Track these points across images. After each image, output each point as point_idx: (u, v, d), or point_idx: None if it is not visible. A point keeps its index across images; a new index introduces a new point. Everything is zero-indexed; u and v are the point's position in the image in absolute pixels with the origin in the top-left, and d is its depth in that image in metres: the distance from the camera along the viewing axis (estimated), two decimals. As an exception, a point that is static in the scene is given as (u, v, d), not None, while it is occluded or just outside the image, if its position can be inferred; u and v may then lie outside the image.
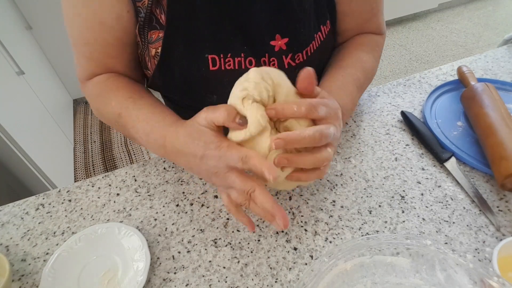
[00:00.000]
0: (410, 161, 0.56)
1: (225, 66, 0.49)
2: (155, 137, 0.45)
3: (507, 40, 0.81)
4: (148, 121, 0.46)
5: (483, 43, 2.47)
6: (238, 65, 0.50)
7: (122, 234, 0.48)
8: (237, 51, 0.49)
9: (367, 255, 0.39)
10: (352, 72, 0.53)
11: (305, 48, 0.52)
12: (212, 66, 0.49)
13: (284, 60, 0.51)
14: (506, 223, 0.47)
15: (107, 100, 0.51)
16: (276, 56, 0.51)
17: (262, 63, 0.51)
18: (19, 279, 0.45)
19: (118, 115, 0.49)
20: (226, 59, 0.49)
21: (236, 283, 0.43)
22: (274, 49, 0.50)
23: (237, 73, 0.46)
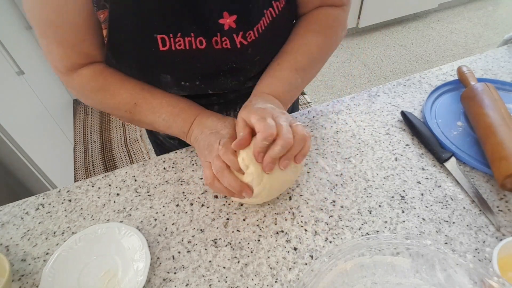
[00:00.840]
0: (410, 161, 0.56)
1: (176, 46, 0.48)
2: (184, 116, 0.53)
3: (507, 40, 0.81)
4: (175, 106, 0.54)
5: (483, 43, 2.47)
6: (189, 45, 0.49)
7: (122, 234, 0.48)
8: (186, 30, 0.48)
9: (367, 255, 0.39)
10: (291, 57, 0.55)
11: (255, 25, 0.51)
12: (162, 46, 0.48)
13: (235, 39, 0.50)
14: (506, 223, 0.47)
15: (116, 92, 0.53)
16: (227, 35, 0.50)
17: (213, 43, 0.50)
18: (19, 279, 0.45)
19: (134, 105, 0.53)
20: (176, 39, 0.48)
21: (236, 283, 0.43)
22: (224, 27, 0.49)
23: (189, 53, 0.49)
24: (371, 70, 2.31)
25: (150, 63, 0.51)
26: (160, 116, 0.53)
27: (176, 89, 0.55)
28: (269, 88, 0.53)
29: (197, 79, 0.54)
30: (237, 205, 0.52)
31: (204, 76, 0.54)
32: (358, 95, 0.70)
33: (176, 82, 0.54)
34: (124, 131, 2.03)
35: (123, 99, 0.53)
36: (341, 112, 0.66)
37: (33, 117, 1.50)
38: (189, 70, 0.53)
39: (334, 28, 0.59)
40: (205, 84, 0.56)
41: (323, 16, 0.58)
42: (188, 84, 0.54)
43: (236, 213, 0.51)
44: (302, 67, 0.55)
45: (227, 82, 0.57)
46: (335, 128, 0.63)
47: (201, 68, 0.53)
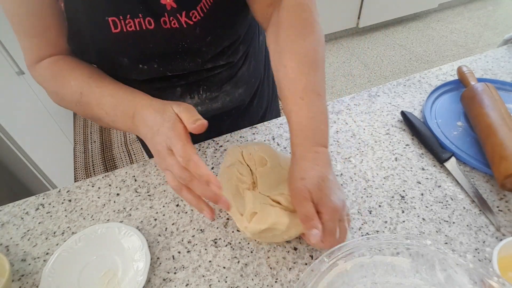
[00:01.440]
0: (410, 161, 0.56)
1: (127, 28, 0.49)
2: (123, 108, 0.47)
3: (507, 40, 0.81)
4: (114, 95, 0.49)
5: (483, 43, 2.47)
6: (139, 26, 0.49)
7: (122, 234, 0.48)
8: (134, 12, 0.48)
9: (367, 255, 0.39)
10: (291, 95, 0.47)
11: (197, 5, 0.50)
12: (114, 29, 0.49)
13: (180, 19, 0.50)
14: (506, 223, 0.47)
15: (65, 80, 0.51)
16: (173, 15, 0.50)
17: (162, 23, 0.50)
18: (19, 279, 0.45)
19: (80, 94, 0.50)
20: (126, 20, 0.49)
21: (236, 283, 0.43)
22: (167, 8, 0.49)
23: (140, 34, 0.49)
24: (371, 70, 2.31)
25: (105, 46, 0.51)
26: (102, 109, 0.49)
27: (136, 73, 0.55)
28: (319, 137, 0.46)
29: (154, 61, 0.54)
30: (237, 205, 0.52)
31: (160, 58, 0.54)
32: (358, 95, 0.70)
33: (134, 65, 0.54)
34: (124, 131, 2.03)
35: (71, 87, 0.50)
36: (341, 112, 0.66)
37: (33, 117, 1.50)
38: (143, 52, 0.52)
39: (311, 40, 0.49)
40: (163, 66, 0.55)
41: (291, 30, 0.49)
42: (146, 67, 0.54)
43: (236, 213, 0.51)
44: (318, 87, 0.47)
45: (184, 64, 0.56)
46: (335, 128, 0.63)
47: (154, 49, 0.52)
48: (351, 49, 2.51)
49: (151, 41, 0.51)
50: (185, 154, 0.40)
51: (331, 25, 2.47)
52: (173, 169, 0.41)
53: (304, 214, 0.41)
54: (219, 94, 0.68)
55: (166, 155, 0.42)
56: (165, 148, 0.42)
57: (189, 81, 0.63)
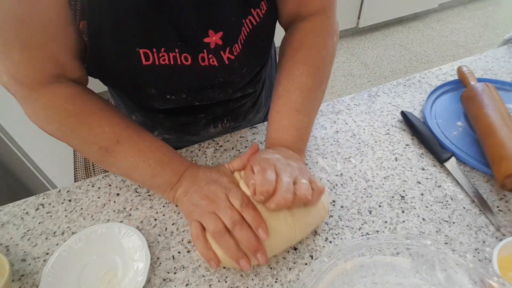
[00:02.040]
0: (410, 161, 0.56)
1: (159, 61, 0.46)
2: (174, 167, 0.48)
3: (507, 40, 0.81)
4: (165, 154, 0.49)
5: (483, 43, 2.47)
6: (173, 60, 0.46)
7: (122, 234, 0.48)
8: (170, 46, 0.45)
9: (367, 255, 0.39)
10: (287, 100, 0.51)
11: (238, 37, 0.49)
12: (145, 61, 0.45)
13: (223, 56, 0.49)
14: (506, 223, 0.47)
15: (95, 123, 0.46)
16: (214, 53, 0.48)
17: (200, 59, 0.48)
18: (19, 279, 0.45)
19: (115, 143, 0.46)
20: (160, 54, 0.45)
21: (236, 283, 0.43)
22: (210, 46, 0.47)
23: (173, 68, 0.47)
24: (371, 70, 2.31)
25: (133, 77, 0.48)
26: (146, 161, 0.47)
27: (162, 102, 0.54)
28: (277, 140, 0.50)
29: (183, 92, 0.53)
30: (237, 205, 0.52)
31: (192, 90, 0.53)
32: (358, 95, 0.70)
33: (162, 95, 0.52)
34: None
35: (103, 133, 0.46)
36: (341, 112, 0.66)
37: (33, 117, 1.50)
38: (174, 85, 0.50)
39: (320, 45, 0.53)
40: (192, 97, 0.54)
41: (303, 36, 0.53)
42: (174, 97, 0.53)
43: (236, 213, 0.51)
44: (300, 105, 0.50)
45: (214, 95, 0.56)
46: (335, 128, 0.63)
47: (188, 83, 0.50)
48: (351, 49, 2.51)
49: (186, 76, 0.49)
50: (244, 200, 0.42)
51: (331, 25, 2.46)
52: (226, 211, 0.42)
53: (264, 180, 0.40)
54: (242, 123, 0.69)
55: (222, 199, 0.43)
56: (222, 193, 0.44)
57: (215, 114, 0.63)
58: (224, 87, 0.55)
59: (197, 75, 0.49)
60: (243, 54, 0.51)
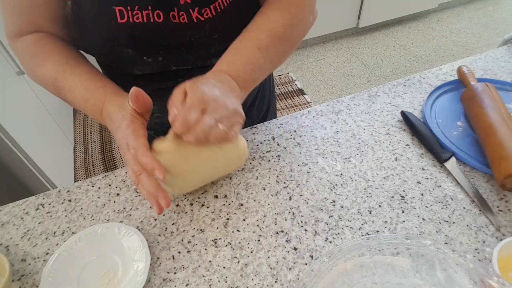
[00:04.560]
0: (410, 161, 0.57)
1: (133, 19, 0.49)
2: (94, 102, 0.49)
3: (507, 40, 0.81)
4: (87, 87, 0.50)
5: (483, 43, 2.47)
6: (146, 18, 0.49)
7: (122, 234, 0.48)
8: (144, 3, 0.48)
9: (367, 255, 0.39)
10: (254, 35, 0.52)
11: (212, 3, 0.51)
12: (120, 19, 0.48)
13: (192, 14, 0.50)
14: (506, 223, 0.47)
15: (42, 62, 0.51)
16: (184, 10, 0.50)
17: (171, 17, 0.50)
18: (19, 279, 0.45)
19: (55, 79, 0.51)
20: (134, 11, 0.48)
21: (236, 283, 0.43)
22: (180, 1, 0.49)
23: (147, 26, 0.49)
24: (371, 70, 2.31)
25: (110, 36, 0.50)
26: (75, 98, 0.51)
27: (140, 65, 0.55)
28: (228, 66, 0.50)
29: (159, 54, 0.54)
30: (237, 205, 0.52)
31: (165, 50, 0.54)
32: (358, 95, 0.70)
33: (139, 57, 0.53)
34: (124, 131, 2.03)
35: (47, 71, 0.51)
36: (341, 112, 0.66)
37: (33, 117, 1.50)
38: (149, 44, 0.52)
39: (300, 7, 0.54)
40: (168, 60, 0.55)
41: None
42: (150, 59, 0.54)
43: (236, 213, 0.51)
44: (265, 46, 0.51)
45: (188, 57, 0.56)
46: (335, 128, 0.63)
47: (161, 42, 0.52)
48: (351, 49, 2.51)
49: (158, 34, 0.51)
50: (134, 146, 0.42)
51: (331, 25, 2.47)
52: (129, 162, 0.43)
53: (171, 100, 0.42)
54: None
55: (125, 150, 0.44)
56: (124, 144, 0.44)
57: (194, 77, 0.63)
58: (196, 49, 0.56)
59: (169, 33, 0.51)
60: (216, 20, 0.52)
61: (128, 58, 0.53)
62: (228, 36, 0.56)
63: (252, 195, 0.53)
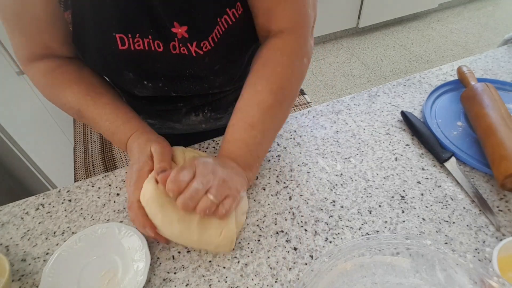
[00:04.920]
0: (410, 161, 0.56)
1: (135, 46, 0.49)
2: (119, 137, 0.53)
3: (507, 40, 0.81)
4: (112, 122, 0.52)
5: (483, 43, 2.46)
6: (147, 46, 0.49)
7: (122, 234, 0.48)
8: (144, 32, 0.48)
9: (367, 255, 0.39)
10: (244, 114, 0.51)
11: (209, 35, 0.49)
12: (121, 45, 0.48)
13: (190, 48, 0.50)
14: (506, 223, 0.47)
15: (62, 93, 0.53)
16: (183, 43, 0.50)
17: (171, 47, 0.50)
18: (19, 279, 0.45)
19: (78, 110, 0.53)
20: (135, 39, 0.48)
21: (236, 283, 0.43)
22: (177, 36, 0.49)
23: (148, 53, 0.49)
24: (371, 70, 2.31)
25: (112, 60, 0.51)
26: (100, 129, 0.54)
27: (140, 88, 0.55)
28: (227, 152, 0.50)
29: (160, 80, 0.54)
30: (237, 205, 0.52)
31: (167, 78, 0.54)
32: (358, 95, 0.70)
33: (139, 81, 0.54)
34: (124, 131, 2.03)
35: (69, 102, 0.53)
36: (341, 112, 0.66)
37: (33, 117, 1.50)
38: (150, 70, 0.52)
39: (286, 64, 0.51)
40: (168, 87, 0.55)
41: (271, 53, 0.52)
42: (151, 84, 0.54)
43: (236, 213, 0.51)
44: (257, 121, 0.50)
45: (190, 87, 0.56)
46: (335, 128, 0.63)
47: (162, 69, 0.52)
48: (351, 49, 2.51)
49: (159, 62, 0.51)
50: (130, 199, 0.46)
51: (331, 25, 2.47)
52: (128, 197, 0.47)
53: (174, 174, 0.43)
54: (224, 115, 0.69)
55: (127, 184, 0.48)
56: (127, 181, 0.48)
57: (195, 105, 0.63)
58: (199, 80, 0.55)
59: (169, 62, 0.52)
60: (215, 51, 0.51)
61: (129, 80, 0.53)
62: (230, 65, 0.56)
63: (252, 195, 0.53)
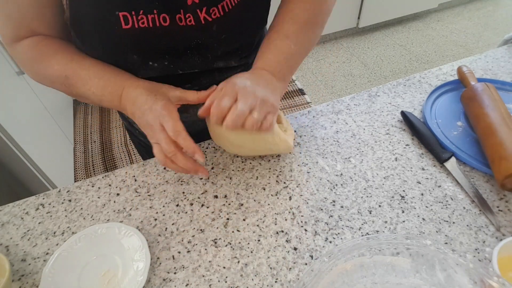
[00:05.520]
0: (410, 161, 0.56)
1: (139, 24, 0.47)
2: (111, 90, 0.50)
3: (507, 40, 0.81)
4: (101, 77, 0.51)
5: (483, 43, 2.47)
6: (152, 23, 0.47)
7: (122, 234, 0.48)
8: (149, 7, 0.47)
9: (367, 255, 0.39)
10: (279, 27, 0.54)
11: (220, 3, 0.50)
12: (125, 25, 0.46)
13: (199, 15, 0.49)
14: (506, 223, 0.47)
15: (47, 63, 0.52)
16: (191, 11, 0.49)
17: (177, 20, 0.49)
18: (19, 279, 0.45)
19: (65, 77, 0.51)
20: (139, 16, 0.47)
21: (236, 283, 0.43)
22: (187, 2, 0.48)
23: (153, 31, 0.49)
24: (371, 70, 2.31)
25: (114, 42, 0.49)
26: (89, 89, 0.51)
27: (145, 70, 0.54)
28: (262, 62, 0.53)
29: (164, 58, 0.53)
30: (237, 205, 0.52)
31: (171, 54, 0.53)
32: (358, 95, 0.70)
33: (144, 62, 0.53)
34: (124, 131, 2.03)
35: (55, 71, 0.52)
36: (341, 112, 0.66)
37: (33, 117, 1.50)
38: (155, 49, 0.52)
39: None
40: (174, 64, 0.55)
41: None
42: (156, 64, 0.54)
43: (236, 213, 0.51)
44: (292, 33, 0.53)
45: (195, 60, 0.56)
46: (335, 128, 0.63)
47: (167, 46, 0.51)
48: (351, 49, 2.51)
49: (164, 38, 0.50)
50: (175, 129, 0.46)
51: (331, 25, 2.47)
52: (162, 142, 0.46)
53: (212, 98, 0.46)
54: None
55: (157, 129, 0.46)
56: (158, 124, 0.46)
57: (202, 84, 0.62)
58: (202, 51, 0.55)
59: (175, 36, 0.51)
60: (224, 20, 0.51)
61: (132, 63, 0.53)
62: (236, 37, 0.56)
63: (252, 195, 0.53)
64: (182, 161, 0.46)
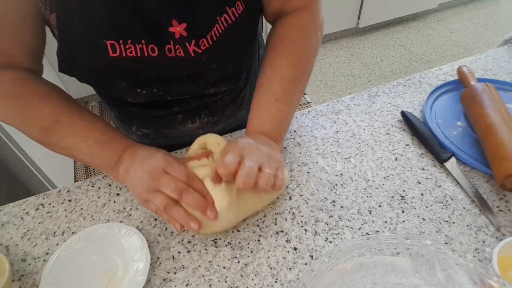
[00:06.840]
0: (410, 161, 0.56)
1: (127, 53, 0.46)
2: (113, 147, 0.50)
3: (507, 40, 0.81)
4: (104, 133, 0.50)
5: (483, 43, 2.47)
6: (140, 52, 0.47)
7: (122, 234, 0.48)
8: (137, 37, 0.46)
9: (367, 255, 0.39)
10: (268, 89, 0.53)
11: (208, 33, 0.49)
12: (112, 53, 0.45)
13: (188, 48, 0.49)
14: (506, 223, 0.47)
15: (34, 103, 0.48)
16: (180, 44, 0.48)
17: (166, 50, 0.48)
18: (19, 279, 0.45)
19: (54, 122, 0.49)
20: (127, 45, 0.46)
21: (236, 283, 0.43)
22: (175, 36, 0.47)
23: (141, 60, 0.47)
24: (371, 70, 2.31)
25: (102, 69, 0.48)
26: (84, 141, 0.49)
27: (133, 96, 0.53)
28: (257, 128, 0.52)
29: (153, 86, 0.52)
30: (237, 205, 0.52)
31: (161, 83, 0.52)
32: (358, 95, 0.70)
33: (132, 88, 0.52)
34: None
35: (42, 113, 0.48)
36: (341, 112, 0.66)
37: (33, 117, 1.50)
38: (143, 78, 0.50)
39: (302, 39, 0.55)
40: (163, 91, 0.54)
41: (287, 30, 0.55)
42: (145, 91, 0.53)
43: (236, 213, 0.51)
44: (281, 95, 0.52)
45: (185, 87, 0.55)
46: (335, 128, 0.63)
47: (156, 75, 0.50)
48: (351, 49, 2.51)
49: (153, 68, 0.49)
50: (185, 172, 0.46)
51: (331, 25, 2.47)
52: (170, 184, 0.44)
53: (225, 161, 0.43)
54: (221, 118, 0.68)
55: (160, 175, 0.45)
56: (159, 169, 0.46)
57: (191, 107, 0.62)
58: (194, 80, 0.55)
59: (165, 67, 0.50)
60: (214, 50, 0.51)
61: (121, 89, 0.51)
62: (226, 64, 0.55)
63: (252, 195, 0.53)
64: (194, 196, 0.44)
